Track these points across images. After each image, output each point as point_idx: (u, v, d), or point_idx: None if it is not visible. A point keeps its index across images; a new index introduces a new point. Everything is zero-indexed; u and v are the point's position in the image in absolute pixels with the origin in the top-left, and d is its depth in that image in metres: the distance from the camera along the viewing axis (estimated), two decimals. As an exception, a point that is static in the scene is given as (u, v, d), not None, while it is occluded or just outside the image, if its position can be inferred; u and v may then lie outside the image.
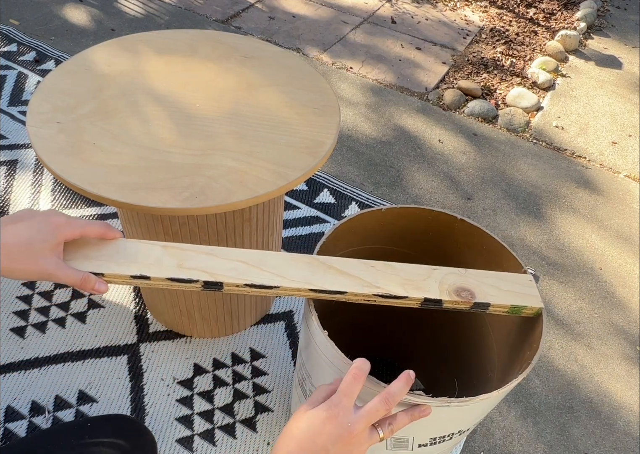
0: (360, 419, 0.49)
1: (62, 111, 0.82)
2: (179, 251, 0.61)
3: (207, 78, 0.93)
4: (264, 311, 1.25)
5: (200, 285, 0.59)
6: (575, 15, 2.75)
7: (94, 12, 2.23)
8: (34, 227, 0.53)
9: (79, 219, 0.57)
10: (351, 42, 2.32)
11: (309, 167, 0.79)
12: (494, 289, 0.65)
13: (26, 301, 1.22)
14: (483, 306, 0.63)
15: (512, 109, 2.05)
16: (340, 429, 0.48)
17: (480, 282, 0.65)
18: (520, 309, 0.65)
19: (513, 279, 0.67)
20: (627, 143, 2.03)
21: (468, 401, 0.58)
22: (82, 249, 0.59)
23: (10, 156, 1.55)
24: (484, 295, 0.63)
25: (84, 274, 0.56)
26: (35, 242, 0.52)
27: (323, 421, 0.48)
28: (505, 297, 0.64)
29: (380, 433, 0.51)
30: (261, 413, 1.10)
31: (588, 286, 1.48)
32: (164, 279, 0.58)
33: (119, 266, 0.58)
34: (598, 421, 1.20)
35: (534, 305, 0.65)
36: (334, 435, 0.48)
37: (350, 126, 1.88)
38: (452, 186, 1.71)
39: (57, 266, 0.54)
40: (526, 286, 0.67)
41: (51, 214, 0.55)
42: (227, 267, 0.60)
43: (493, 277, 0.66)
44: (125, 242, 0.61)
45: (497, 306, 0.63)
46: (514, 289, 0.66)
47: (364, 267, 0.63)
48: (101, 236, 0.59)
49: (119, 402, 1.09)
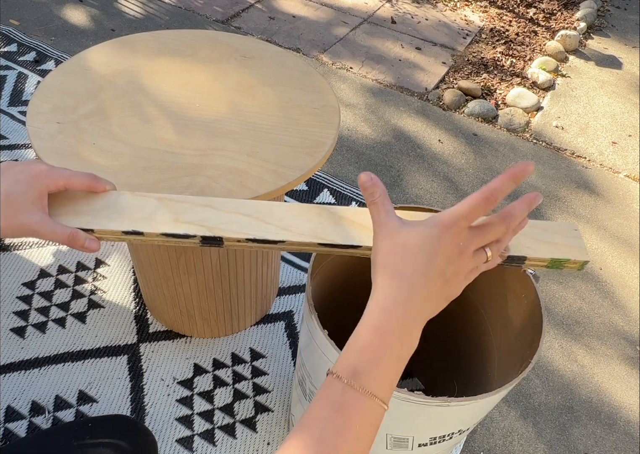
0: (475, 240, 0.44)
1: (62, 111, 0.82)
2: (175, 203, 0.56)
3: (207, 78, 0.93)
4: (264, 311, 1.25)
5: (198, 240, 0.54)
6: (575, 15, 2.75)
7: (94, 12, 2.23)
8: (10, 179, 0.48)
9: (63, 168, 0.52)
10: (351, 42, 2.32)
11: (308, 167, 0.79)
12: (531, 240, 0.56)
13: (26, 301, 1.22)
14: (519, 260, 0.55)
15: (512, 109, 2.05)
16: (456, 248, 0.43)
17: None
18: (562, 263, 0.56)
19: (554, 228, 0.59)
20: (627, 143, 2.03)
21: (468, 400, 0.58)
22: (69, 204, 0.54)
23: (10, 156, 1.55)
24: (519, 247, 0.55)
25: (72, 230, 0.50)
26: (14, 195, 0.47)
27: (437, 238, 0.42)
28: (545, 250, 0.56)
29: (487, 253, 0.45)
30: (261, 413, 1.10)
31: (588, 286, 1.48)
32: (159, 234, 0.54)
33: (110, 221, 0.53)
34: (598, 421, 1.20)
35: (579, 258, 0.56)
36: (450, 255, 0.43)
37: (350, 126, 1.88)
38: (452, 186, 1.71)
39: (41, 221, 0.49)
40: (570, 237, 0.58)
41: (31, 163, 0.50)
42: (227, 220, 0.55)
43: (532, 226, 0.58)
44: (116, 195, 0.56)
45: (535, 260, 0.55)
46: (556, 240, 0.57)
47: None
48: (89, 188, 0.54)
49: (119, 402, 1.09)
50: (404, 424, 0.65)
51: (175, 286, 1.02)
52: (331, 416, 0.40)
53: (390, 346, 0.41)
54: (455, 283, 0.44)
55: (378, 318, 0.42)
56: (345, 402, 0.40)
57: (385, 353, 0.41)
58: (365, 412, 0.40)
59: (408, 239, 0.43)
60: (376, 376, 0.40)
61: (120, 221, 0.54)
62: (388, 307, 0.42)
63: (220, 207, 0.56)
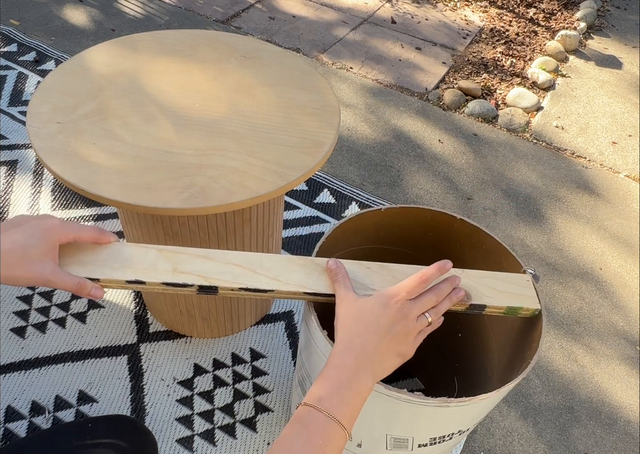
0: (415, 306, 0.55)
1: (62, 111, 0.82)
2: (173, 254, 0.61)
3: (207, 78, 0.93)
4: (264, 311, 1.25)
5: (195, 289, 0.59)
6: (575, 15, 2.75)
7: (94, 12, 2.23)
8: (27, 232, 0.53)
9: (73, 223, 0.57)
10: (351, 42, 2.32)
11: (308, 168, 0.79)
12: (490, 290, 0.64)
13: (26, 301, 1.22)
14: (479, 307, 0.62)
15: (512, 109, 2.05)
16: (400, 313, 0.54)
17: (477, 283, 0.64)
18: (516, 310, 0.64)
19: (510, 279, 0.66)
20: (627, 143, 2.03)
21: (468, 401, 0.58)
22: (77, 254, 0.58)
23: (10, 156, 1.55)
24: (480, 296, 0.62)
25: (80, 280, 0.55)
26: (30, 248, 0.52)
27: (384, 305, 0.54)
28: (502, 299, 0.63)
29: (427, 318, 0.56)
30: (261, 413, 1.10)
31: (588, 286, 1.48)
32: (159, 283, 0.58)
33: (114, 271, 0.58)
34: (598, 421, 1.20)
35: (530, 306, 0.64)
36: (395, 318, 0.54)
37: (350, 126, 1.88)
38: (452, 186, 1.71)
39: (53, 271, 0.53)
40: (523, 287, 0.66)
41: (45, 218, 0.55)
42: (222, 271, 0.60)
43: (490, 277, 0.65)
44: (120, 246, 0.60)
45: (493, 308, 0.62)
46: (511, 290, 0.65)
47: (360, 268, 0.63)
48: (95, 240, 0.59)
49: (119, 402, 1.09)
50: (404, 425, 0.65)
51: (175, 286, 1.02)
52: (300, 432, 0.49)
53: (347, 380, 0.51)
54: (405, 342, 0.55)
55: (337, 358, 0.53)
56: (311, 421, 0.49)
57: (343, 385, 0.51)
58: (327, 430, 0.49)
59: (362, 306, 0.55)
60: (337, 403, 0.50)
61: (123, 271, 0.58)
62: (344, 353, 0.53)
63: (215, 258, 0.61)
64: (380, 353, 0.53)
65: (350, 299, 0.56)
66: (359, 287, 0.60)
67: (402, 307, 0.54)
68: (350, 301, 0.56)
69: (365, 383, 0.52)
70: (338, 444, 0.49)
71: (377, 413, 0.63)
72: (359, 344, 0.53)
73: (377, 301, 0.55)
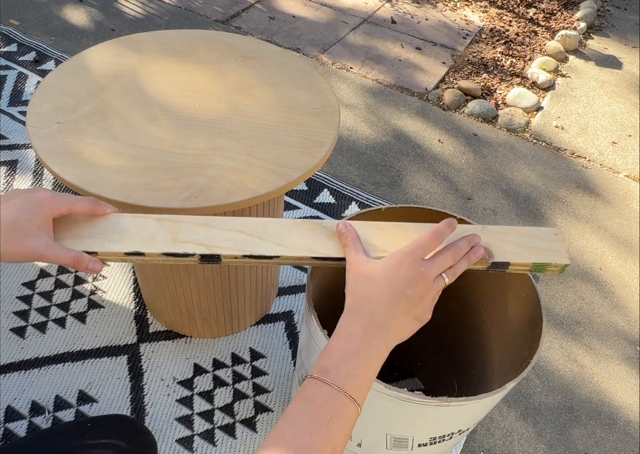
0: (432, 266, 0.51)
1: (62, 111, 0.82)
2: (173, 223, 0.58)
3: (207, 78, 0.93)
4: (263, 311, 1.25)
5: (197, 259, 0.56)
6: (575, 15, 2.75)
7: (94, 13, 2.23)
8: (16, 205, 0.51)
9: (66, 194, 0.55)
10: (351, 42, 2.32)
11: (308, 167, 0.79)
12: (514, 246, 0.59)
13: (26, 301, 1.22)
14: (502, 265, 0.58)
15: (512, 109, 2.05)
16: (415, 273, 0.50)
17: (498, 240, 0.59)
18: (543, 267, 0.59)
19: (536, 233, 0.61)
20: (627, 143, 2.03)
21: (467, 400, 0.58)
22: (72, 227, 0.56)
23: (10, 156, 1.55)
24: (503, 253, 0.58)
25: (77, 254, 0.53)
26: (21, 221, 0.50)
27: (397, 266, 0.50)
28: (527, 255, 0.59)
29: (445, 278, 0.52)
30: (261, 413, 1.10)
31: (588, 286, 1.48)
32: (159, 254, 0.55)
33: (112, 243, 0.55)
34: (598, 421, 1.20)
35: (559, 261, 0.59)
36: (410, 279, 0.50)
37: (350, 126, 1.88)
38: (452, 186, 1.71)
39: (47, 245, 0.51)
40: (551, 241, 0.61)
41: (36, 191, 0.53)
42: (225, 238, 0.57)
43: (514, 233, 0.61)
44: (117, 217, 0.58)
45: (517, 265, 0.58)
46: (537, 245, 0.60)
47: (371, 229, 0.59)
48: (90, 212, 0.56)
49: (119, 402, 1.09)
50: (404, 424, 0.65)
51: (175, 286, 1.02)
52: (305, 406, 0.45)
53: (356, 349, 0.47)
54: (422, 305, 0.51)
55: (344, 328, 0.49)
56: (317, 394, 0.45)
57: (352, 355, 0.47)
58: (335, 404, 0.45)
59: (372, 270, 0.51)
60: (344, 374, 0.46)
61: (122, 243, 0.56)
62: (352, 320, 0.49)
63: (217, 225, 0.58)
64: (394, 318, 0.49)
65: (360, 263, 0.52)
66: (371, 250, 0.56)
67: (419, 267, 0.50)
68: (360, 265, 0.52)
69: (377, 351, 0.48)
70: (348, 419, 0.45)
71: (377, 412, 0.63)
72: (368, 309, 0.49)
73: (390, 262, 0.50)
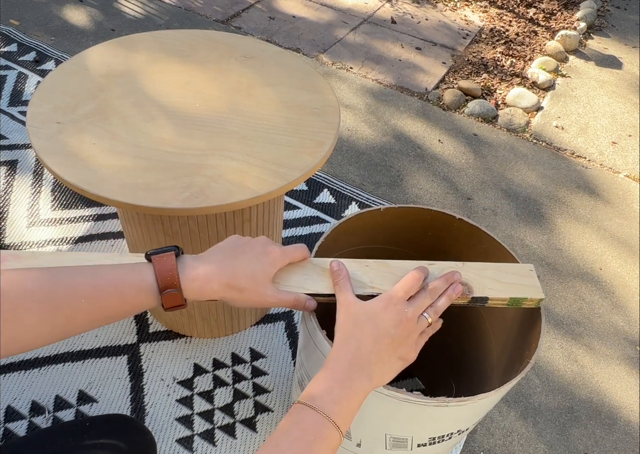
0: (412, 307, 0.55)
1: (62, 111, 0.82)
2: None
3: (207, 78, 0.93)
4: (264, 311, 1.25)
5: None
6: (575, 15, 2.75)
7: (94, 13, 2.24)
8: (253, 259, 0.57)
9: (288, 248, 0.61)
10: (351, 42, 2.32)
11: (308, 167, 0.79)
12: (492, 281, 0.62)
13: (26, 301, 1.22)
14: (482, 300, 0.61)
15: (512, 109, 2.05)
16: (399, 314, 0.54)
17: (478, 276, 0.63)
18: (520, 301, 0.63)
19: (512, 270, 0.65)
20: (627, 143, 2.03)
21: (467, 400, 0.58)
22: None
23: (10, 156, 1.55)
24: (482, 289, 0.61)
25: (296, 296, 0.59)
26: (258, 275, 0.56)
27: (383, 308, 0.55)
28: (505, 290, 0.62)
29: (427, 317, 0.56)
30: (261, 413, 1.10)
31: (588, 286, 1.48)
32: None
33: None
34: (598, 421, 1.20)
35: (534, 296, 0.62)
36: (394, 320, 0.54)
37: (350, 126, 1.88)
38: (451, 186, 1.71)
39: (273, 292, 0.57)
40: (526, 277, 0.64)
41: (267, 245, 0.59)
42: None
43: (492, 269, 0.64)
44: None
45: (496, 300, 0.62)
46: (514, 281, 0.63)
47: (358, 266, 0.63)
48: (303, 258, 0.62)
49: (119, 402, 1.09)
50: (403, 425, 0.65)
51: (175, 286, 1.02)
52: (290, 428, 0.48)
53: (341, 381, 0.51)
54: (406, 344, 0.55)
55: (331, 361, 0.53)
56: (302, 418, 0.49)
57: (336, 385, 0.51)
58: (319, 427, 0.48)
59: (360, 311, 0.55)
60: (329, 401, 0.50)
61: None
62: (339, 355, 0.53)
63: None
64: (378, 356, 0.53)
65: (349, 304, 0.56)
66: (358, 286, 0.60)
67: (401, 309, 0.55)
68: (349, 306, 0.56)
69: (360, 384, 0.52)
70: (330, 443, 0.49)
71: (376, 412, 0.63)
72: (354, 346, 0.53)
73: (376, 305, 0.55)
